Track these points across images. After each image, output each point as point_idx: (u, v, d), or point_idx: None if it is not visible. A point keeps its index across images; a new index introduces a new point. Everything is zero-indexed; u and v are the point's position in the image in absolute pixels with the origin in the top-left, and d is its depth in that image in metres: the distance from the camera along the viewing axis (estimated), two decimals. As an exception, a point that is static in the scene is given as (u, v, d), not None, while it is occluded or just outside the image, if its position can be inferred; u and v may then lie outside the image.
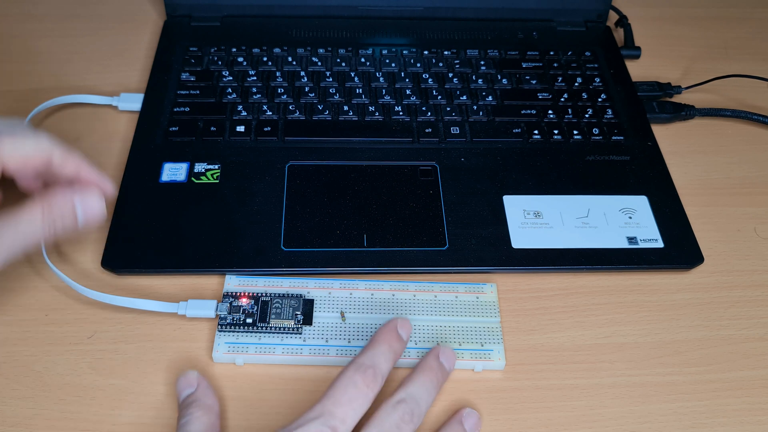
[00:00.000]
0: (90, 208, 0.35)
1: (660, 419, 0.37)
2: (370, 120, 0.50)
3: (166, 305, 0.39)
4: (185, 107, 0.50)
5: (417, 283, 0.41)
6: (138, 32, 0.58)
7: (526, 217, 0.44)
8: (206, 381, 0.36)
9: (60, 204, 0.34)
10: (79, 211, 0.35)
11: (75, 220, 0.35)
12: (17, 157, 0.34)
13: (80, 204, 0.35)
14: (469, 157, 0.48)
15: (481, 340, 0.39)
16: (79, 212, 0.35)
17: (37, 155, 0.35)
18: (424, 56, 0.55)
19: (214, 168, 0.46)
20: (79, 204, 0.35)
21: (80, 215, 0.35)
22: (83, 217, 0.35)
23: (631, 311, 0.41)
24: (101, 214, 0.36)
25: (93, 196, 0.35)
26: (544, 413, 0.37)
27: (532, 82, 0.53)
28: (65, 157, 0.36)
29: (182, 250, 0.42)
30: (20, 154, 0.35)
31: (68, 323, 0.39)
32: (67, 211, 0.35)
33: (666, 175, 0.48)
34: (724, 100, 0.55)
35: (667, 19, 0.62)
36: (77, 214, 0.35)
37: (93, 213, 0.35)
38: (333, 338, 0.38)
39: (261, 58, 0.54)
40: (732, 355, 0.40)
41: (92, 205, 0.35)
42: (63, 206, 0.34)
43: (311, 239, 0.42)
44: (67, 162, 0.36)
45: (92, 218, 0.35)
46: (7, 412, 0.36)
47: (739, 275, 0.43)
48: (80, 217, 0.35)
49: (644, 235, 0.44)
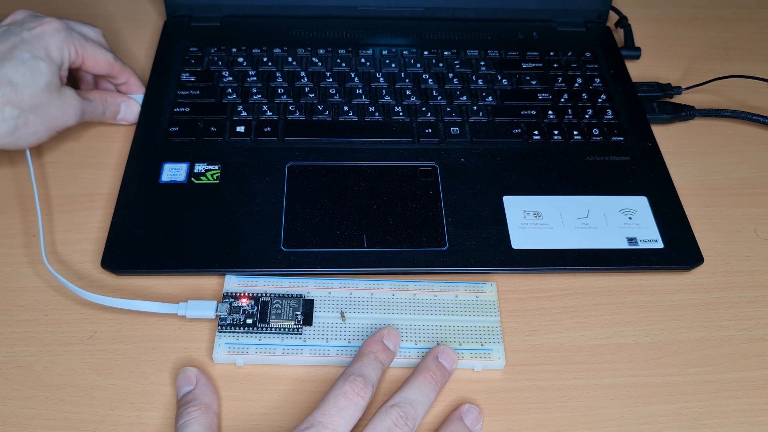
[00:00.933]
0: (130, 112, 0.50)
1: (660, 420, 0.37)
2: (370, 120, 0.50)
3: (165, 306, 0.39)
4: (185, 107, 0.50)
5: (417, 282, 0.41)
6: (138, 32, 0.58)
7: (526, 218, 0.44)
8: (205, 378, 0.36)
9: (112, 101, 0.49)
10: (123, 110, 0.50)
11: (117, 115, 0.49)
12: (95, 62, 0.47)
13: (125, 106, 0.50)
14: (469, 158, 0.48)
15: (481, 340, 0.39)
16: (123, 111, 0.50)
17: (107, 65, 0.48)
18: (424, 56, 0.55)
19: (214, 168, 0.46)
20: (124, 106, 0.50)
21: (122, 113, 0.50)
22: (123, 115, 0.50)
23: (631, 312, 0.41)
24: (135, 119, 0.50)
25: (134, 104, 0.50)
26: (544, 414, 0.37)
27: (532, 82, 0.53)
28: (121, 71, 0.49)
29: (182, 250, 0.42)
30: (97, 61, 0.47)
31: (68, 323, 0.39)
32: (116, 107, 0.49)
33: (666, 175, 0.48)
34: (724, 100, 0.55)
35: (667, 19, 0.62)
36: (121, 111, 0.49)
37: (131, 114, 0.50)
38: (333, 338, 0.38)
39: (261, 59, 0.54)
40: (732, 356, 0.40)
41: (132, 110, 0.50)
42: (114, 103, 0.49)
43: (311, 239, 0.42)
44: (122, 74, 0.49)
45: (128, 119, 0.50)
46: (7, 412, 0.36)
47: (739, 276, 0.43)
48: (122, 113, 0.50)
49: (644, 236, 0.44)
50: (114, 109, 0.49)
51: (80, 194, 0.46)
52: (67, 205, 0.45)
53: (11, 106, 0.41)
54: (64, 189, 0.46)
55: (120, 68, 0.49)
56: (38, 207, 0.43)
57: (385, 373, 0.37)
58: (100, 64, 0.47)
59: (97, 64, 0.47)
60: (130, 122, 0.50)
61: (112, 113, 0.49)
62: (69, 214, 0.45)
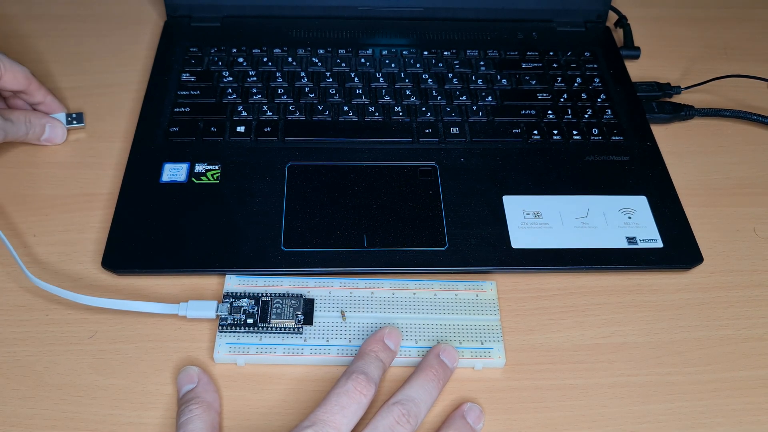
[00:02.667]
0: (54, 133, 0.48)
1: (659, 419, 0.37)
2: (370, 120, 0.50)
3: (166, 306, 0.39)
4: (185, 107, 0.50)
5: (417, 281, 0.41)
6: (138, 32, 0.58)
7: (525, 217, 0.44)
8: (207, 377, 0.37)
9: (36, 121, 0.47)
10: (48, 131, 0.47)
11: (41, 135, 0.47)
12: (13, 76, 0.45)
13: (49, 127, 0.47)
14: (469, 158, 0.48)
15: (481, 338, 0.39)
16: (47, 132, 0.47)
17: (25, 80, 0.46)
18: (423, 57, 0.55)
19: (215, 168, 0.46)
20: (48, 127, 0.47)
21: (47, 134, 0.47)
22: (48, 135, 0.47)
23: (630, 311, 0.41)
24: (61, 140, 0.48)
25: (58, 124, 0.48)
26: (544, 413, 0.37)
27: (532, 82, 0.53)
28: (38, 88, 0.47)
29: (182, 250, 0.42)
30: (15, 75, 0.45)
31: (69, 323, 0.39)
32: (40, 128, 0.47)
33: (665, 175, 0.48)
34: (724, 100, 0.55)
35: (666, 19, 0.62)
36: (46, 131, 0.47)
37: (56, 135, 0.48)
38: (334, 338, 0.38)
39: (261, 59, 0.54)
40: (731, 355, 0.40)
41: (57, 131, 0.48)
42: (38, 123, 0.47)
43: (311, 239, 0.42)
44: (39, 91, 0.47)
45: (53, 140, 0.48)
46: (7, 412, 0.36)
47: (738, 275, 0.44)
48: (47, 134, 0.47)
49: (643, 235, 0.44)
50: (38, 129, 0.47)
51: (80, 194, 0.46)
52: (68, 205, 0.45)
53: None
54: (64, 189, 0.46)
55: (37, 85, 0.47)
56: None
57: (386, 372, 0.37)
58: (19, 79, 0.45)
59: (15, 78, 0.45)
60: (56, 143, 0.48)
61: (35, 134, 0.47)
62: (69, 214, 0.45)
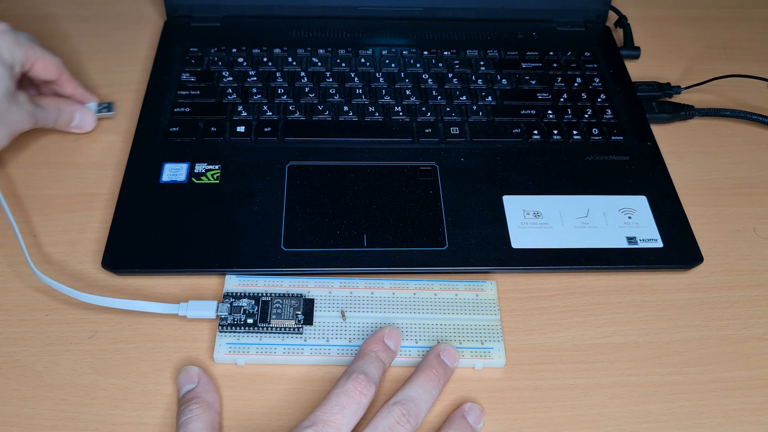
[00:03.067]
0: (84, 120, 0.49)
1: (659, 419, 0.37)
2: (370, 120, 0.50)
3: (166, 306, 0.39)
4: (185, 107, 0.50)
5: (417, 281, 0.41)
6: (138, 32, 0.58)
7: (525, 217, 0.44)
8: (207, 376, 0.37)
9: (66, 108, 0.48)
10: (78, 117, 0.48)
11: (71, 123, 0.48)
12: (44, 65, 0.46)
13: (79, 114, 0.48)
14: (469, 157, 0.48)
15: (481, 338, 0.39)
16: (77, 119, 0.48)
17: (56, 69, 0.47)
18: (423, 57, 0.55)
19: (215, 168, 0.46)
20: (78, 114, 0.48)
21: (77, 120, 0.48)
22: (78, 122, 0.48)
23: (630, 311, 0.41)
24: (91, 127, 0.49)
25: (88, 113, 0.49)
26: (544, 413, 0.37)
27: (532, 82, 0.53)
28: (69, 79, 0.48)
29: (182, 250, 0.42)
30: (46, 64, 0.46)
31: (69, 323, 0.39)
32: (69, 115, 0.48)
33: (665, 175, 0.48)
34: (724, 100, 0.55)
35: (666, 19, 0.62)
36: (76, 119, 0.48)
37: (86, 122, 0.49)
38: (334, 338, 0.38)
39: (261, 59, 0.54)
40: (731, 355, 0.40)
41: (87, 118, 0.49)
42: (68, 110, 0.48)
43: (311, 239, 0.42)
44: (69, 83, 0.48)
45: (84, 127, 0.49)
46: (7, 411, 0.36)
47: (738, 275, 0.44)
48: (77, 121, 0.48)
49: (644, 235, 0.44)
50: (68, 116, 0.47)
51: (81, 194, 0.46)
52: (68, 205, 0.45)
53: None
54: (64, 189, 0.46)
55: (68, 76, 0.48)
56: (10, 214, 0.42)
57: (386, 372, 0.37)
58: (50, 68, 0.46)
59: (46, 67, 0.46)
60: (85, 130, 0.49)
61: (65, 121, 0.47)
62: (69, 214, 0.45)
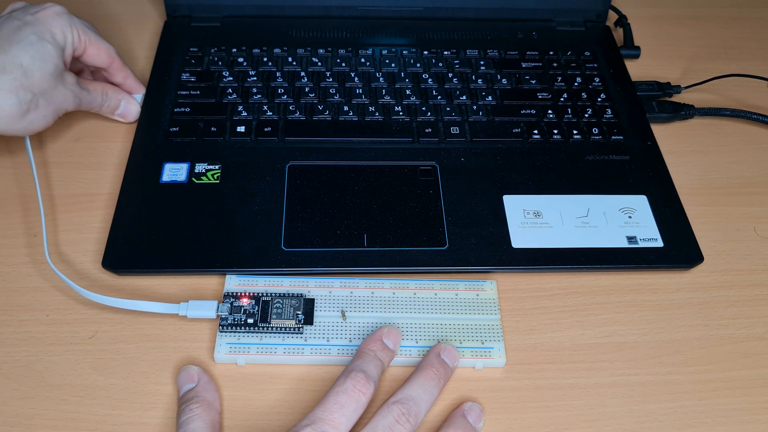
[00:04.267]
0: (129, 110, 0.49)
1: (659, 418, 0.37)
2: (370, 120, 0.50)
3: (166, 306, 0.39)
4: (186, 107, 0.50)
5: (417, 281, 0.41)
6: (138, 32, 0.58)
7: (525, 217, 0.44)
8: (207, 376, 0.37)
9: (113, 95, 0.48)
10: (123, 106, 0.49)
11: (116, 110, 0.49)
12: (97, 51, 0.46)
13: (125, 103, 0.49)
14: (469, 157, 0.48)
15: (481, 338, 0.39)
16: (122, 107, 0.49)
17: (108, 56, 0.47)
18: (423, 56, 0.55)
19: (215, 168, 0.46)
20: (124, 102, 0.49)
21: (122, 109, 0.49)
22: (122, 111, 0.49)
23: (630, 311, 0.41)
24: (134, 117, 0.50)
25: (134, 103, 0.50)
26: (544, 413, 0.37)
27: (532, 82, 0.53)
28: (120, 68, 0.49)
29: (183, 250, 0.42)
30: (99, 50, 0.47)
31: (69, 323, 0.40)
32: (115, 102, 0.49)
33: (665, 174, 0.48)
34: (724, 99, 0.55)
35: (666, 19, 0.62)
36: (121, 107, 0.49)
37: (130, 112, 0.49)
38: (334, 337, 0.38)
39: (261, 59, 0.54)
40: (731, 355, 0.40)
41: (132, 108, 0.50)
42: (114, 97, 0.49)
43: (312, 239, 0.42)
44: (120, 72, 0.49)
45: (127, 116, 0.50)
46: (7, 412, 0.36)
47: (738, 275, 0.44)
48: (122, 109, 0.49)
49: (644, 235, 0.44)
50: (113, 103, 0.48)
51: (81, 194, 0.46)
52: (68, 205, 0.45)
53: (24, 90, 0.41)
54: (64, 189, 0.46)
55: (120, 63, 0.48)
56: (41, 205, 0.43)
57: (385, 372, 0.38)
58: (102, 55, 0.47)
59: (98, 53, 0.46)
60: (128, 120, 0.50)
61: (110, 107, 0.48)
62: (70, 214, 0.45)
